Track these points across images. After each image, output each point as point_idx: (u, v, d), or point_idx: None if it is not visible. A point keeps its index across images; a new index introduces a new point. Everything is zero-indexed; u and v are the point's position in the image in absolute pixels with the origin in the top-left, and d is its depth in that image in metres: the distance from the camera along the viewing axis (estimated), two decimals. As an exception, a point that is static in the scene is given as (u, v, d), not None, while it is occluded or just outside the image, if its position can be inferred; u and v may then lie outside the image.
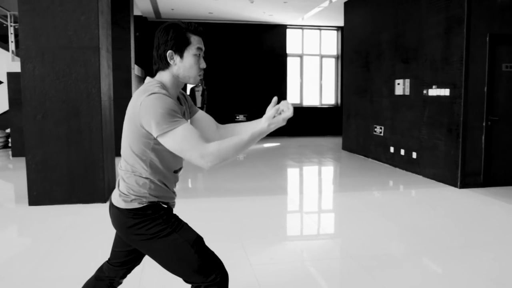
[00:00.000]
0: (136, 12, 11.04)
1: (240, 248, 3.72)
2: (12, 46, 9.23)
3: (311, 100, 13.57)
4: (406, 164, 7.33)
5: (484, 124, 6.00)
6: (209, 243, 1.93)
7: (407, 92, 7.24)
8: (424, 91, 6.74)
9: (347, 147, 9.82)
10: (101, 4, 5.18)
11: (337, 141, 11.45)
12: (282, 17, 12.07)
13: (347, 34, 9.86)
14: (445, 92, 6.24)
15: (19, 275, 3.21)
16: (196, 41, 1.82)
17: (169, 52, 1.80)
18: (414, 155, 7.06)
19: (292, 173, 7.66)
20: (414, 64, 7.04)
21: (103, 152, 5.17)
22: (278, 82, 13.13)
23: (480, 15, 5.88)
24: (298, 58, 13.38)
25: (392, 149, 7.79)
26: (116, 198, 1.85)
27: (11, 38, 9.30)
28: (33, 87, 5.00)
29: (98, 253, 3.11)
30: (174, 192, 1.96)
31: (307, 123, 13.35)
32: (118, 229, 1.88)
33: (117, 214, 1.85)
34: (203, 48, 1.86)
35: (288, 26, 13.07)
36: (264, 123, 1.71)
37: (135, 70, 9.77)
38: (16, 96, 8.75)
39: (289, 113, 1.75)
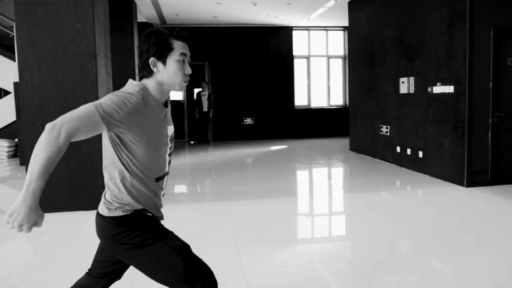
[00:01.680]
0: (141, 18, 11.09)
1: (246, 252, 3.66)
2: (18, 56, 9.32)
3: (319, 101, 13.47)
4: (413, 164, 7.19)
5: (490, 120, 5.85)
6: (214, 246, 1.86)
7: (412, 90, 7.12)
8: (429, 89, 6.61)
9: (355, 147, 9.71)
10: (97, 11, 5.19)
11: (345, 142, 11.33)
12: (287, 19, 12.01)
13: (352, 34, 9.76)
14: (450, 89, 6.11)
15: (18, 283, 3.19)
16: (179, 47, 1.76)
17: (151, 59, 1.75)
18: (420, 154, 6.93)
19: (298, 175, 7.57)
20: (418, 62, 6.92)
21: (102, 158, 5.16)
22: (286, 84, 13.06)
23: (483, 9, 5.75)
24: (305, 60, 13.30)
25: (398, 149, 7.66)
26: (101, 206, 1.82)
27: (18, 48, 9.40)
28: (31, 95, 5.02)
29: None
30: (160, 200, 1.90)
31: (315, 124, 13.25)
32: (102, 238, 1.84)
33: (101, 223, 1.81)
34: (188, 54, 1.81)
35: (294, 28, 13.01)
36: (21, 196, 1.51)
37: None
38: (23, 105, 8.83)
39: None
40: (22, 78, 5.00)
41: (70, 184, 5.11)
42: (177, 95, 13.05)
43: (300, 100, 13.35)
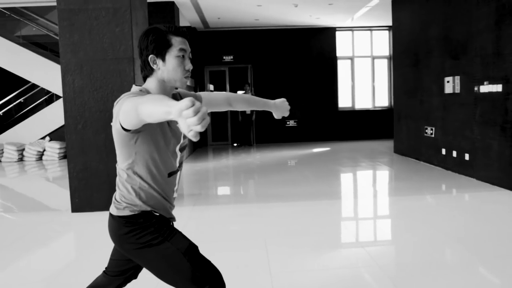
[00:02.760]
0: (185, 23, 11.28)
1: (276, 255, 3.62)
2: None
3: (363, 103, 13.19)
4: (459, 167, 6.87)
5: (542, 121, 5.50)
6: (244, 247, 1.84)
7: (458, 90, 6.81)
8: (475, 88, 6.29)
9: (399, 150, 9.41)
10: (135, 15, 5.32)
11: (390, 144, 11.01)
12: (330, 20, 11.85)
13: (396, 33, 9.49)
14: (498, 88, 5.79)
15: (67, 279, 3.30)
16: (178, 42, 1.74)
17: (151, 57, 1.74)
18: (467, 156, 6.61)
19: (339, 178, 7.42)
20: (464, 60, 6.61)
21: (140, 159, 5.26)
22: (329, 85, 12.89)
23: (533, 3, 5.41)
24: (349, 61, 13.07)
25: (443, 151, 7.34)
26: (111, 206, 1.85)
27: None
28: (73, 98, 5.20)
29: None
30: (169, 202, 1.89)
31: (359, 126, 12.98)
32: (112, 237, 1.87)
33: (110, 222, 1.85)
34: (188, 49, 1.78)
35: (337, 29, 12.82)
36: (175, 113, 1.20)
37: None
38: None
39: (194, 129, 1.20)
40: (65, 82, 5.20)
41: (109, 185, 5.25)
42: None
43: (344, 101, 13.13)
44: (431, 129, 7.76)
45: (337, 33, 12.88)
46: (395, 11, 9.45)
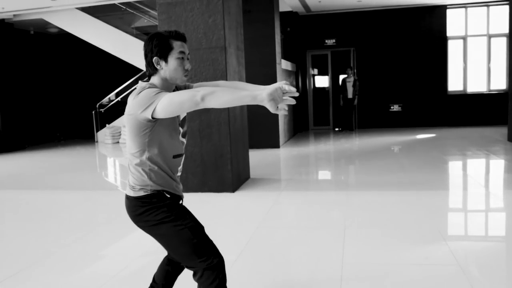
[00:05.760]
0: (285, 8, 11.32)
1: (351, 245, 3.62)
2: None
3: (477, 86, 12.17)
4: None
5: None
6: (321, 235, 1.94)
7: None
8: None
9: (514, 138, 8.58)
10: (227, 5, 5.50)
11: (505, 131, 10.06)
12: (440, -3, 11.07)
13: (514, 8, 8.58)
14: None
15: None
16: (178, 46, 2.01)
17: (155, 59, 2.01)
18: None
19: (437, 167, 6.93)
20: None
21: (230, 144, 5.51)
22: (438, 68, 12.09)
23: None
24: (461, 41, 12.10)
25: None
26: (127, 189, 2.12)
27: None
28: (171, 87, 5.57)
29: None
30: (176, 180, 2.14)
31: (471, 111, 12.02)
32: (130, 216, 2.14)
33: (127, 203, 2.13)
34: (186, 51, 2.05)
35: (448, 6, 11.90)
36: (264, 96, 1.70)
37: (282, 64, 10.06)
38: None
39: (287, 103, 1.81)
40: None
41: (202, 168, 5.57)
42: (322, 82, 13.08)
43: (454, 85, 12.23)
44: (550, 116, 6.95)
45: (448, 11, 11.97)
46: (514, -16, 8.54)
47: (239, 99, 1.77)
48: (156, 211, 2.03)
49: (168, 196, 2.08)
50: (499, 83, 12.04)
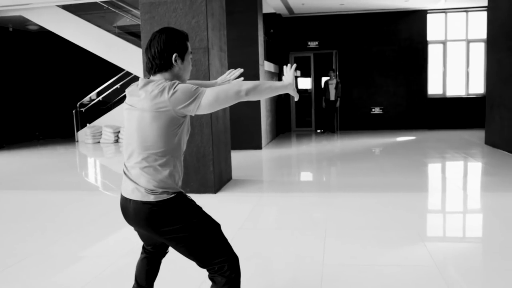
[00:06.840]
0: (269, 9, 11.36)
1: (332, 246, 3.65)
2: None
3: (456, 90, 12.40)
4: (555, 162, 6.27)
5: None
6: (304, 236, 1.95)
7: (557, 78, 6.18)
8: None
9: (490, 141, 8.76)
10: (210, 7, 5.50)
11: (483, 134, 10.28)
12: (420, 2, 11.24)
13: (492, 14, 8.77)
14: None
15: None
16: (190, 48, 2.10)
17: (175, 55, 2.00)
18: None
19: (416, 169, 7.05)
20: None
21: (213, 145, 5.51)
22: (418, 72, 12.28)
23: None
24: (441, 45, 12.32)
25: (538, 144, 6.73)
26: (141, 194, 1.93)
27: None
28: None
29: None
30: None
31: (450, 115, 12.25)
32: (146, 224, 1.96)
33: (143, 210, 1.93)
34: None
35: (428, 11, 12.11)
36: (287, 85, 2.04)
37: (265, 66, 10.08)
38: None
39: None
40: (145, 73, 5.54)
41: (184, 169, 5.53)
42: (305, 84, 13.15)
43: (434, 88, 12.45)
44: (526, 120, 7.13)
45: (429, 16, 12.18)
46: (492, -9, 8.73)
47: (275, 90, 2.00)
48: (182, 213, 1.96)
49: (188, 197, 2.03)
50: (477, 88, 12.30)
